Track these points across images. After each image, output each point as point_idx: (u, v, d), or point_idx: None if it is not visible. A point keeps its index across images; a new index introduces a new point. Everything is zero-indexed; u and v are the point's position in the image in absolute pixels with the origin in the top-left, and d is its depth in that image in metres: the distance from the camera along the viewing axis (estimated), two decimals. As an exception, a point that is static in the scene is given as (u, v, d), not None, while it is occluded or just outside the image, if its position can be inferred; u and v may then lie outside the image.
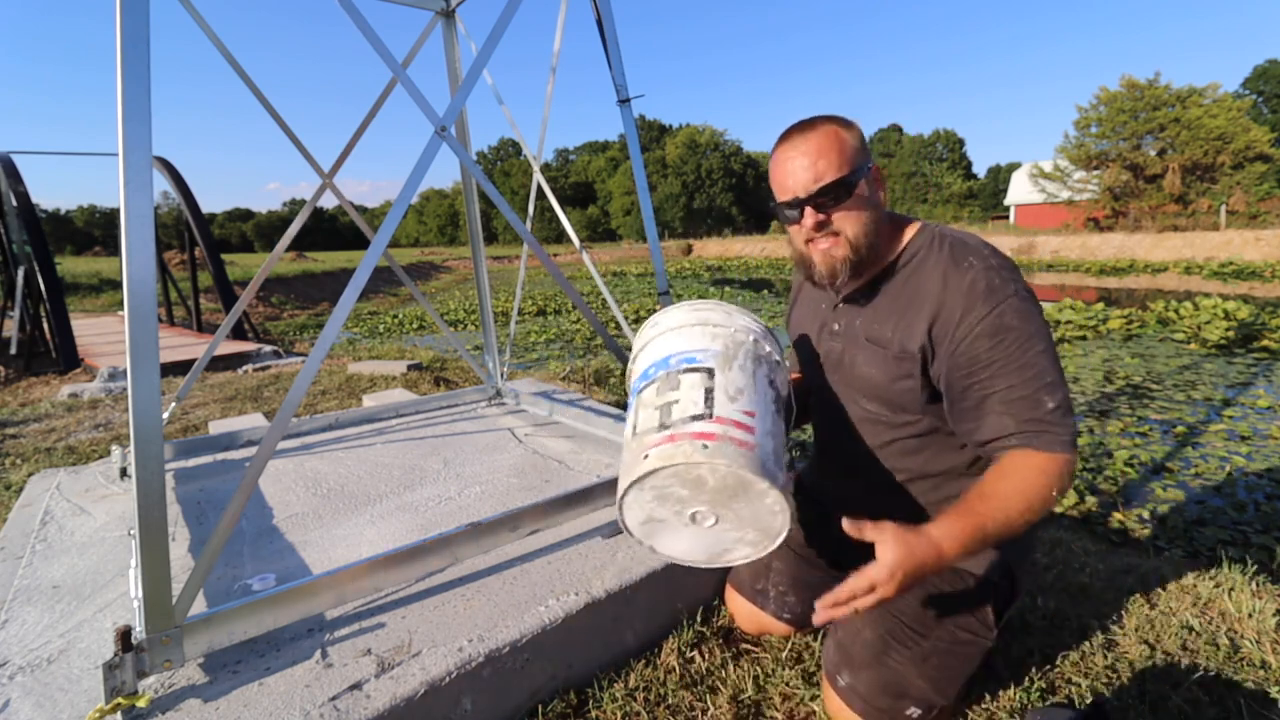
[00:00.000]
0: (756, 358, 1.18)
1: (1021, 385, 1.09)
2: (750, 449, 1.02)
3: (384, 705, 1.08)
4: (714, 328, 1.21)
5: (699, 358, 1.14)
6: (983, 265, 1.15)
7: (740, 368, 1.13)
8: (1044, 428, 1.07)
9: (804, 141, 1.19)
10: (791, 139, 1.22)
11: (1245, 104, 26.76)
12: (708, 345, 1.16)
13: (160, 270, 9.68)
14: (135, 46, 1.10)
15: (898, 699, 1.18)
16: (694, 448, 1.00)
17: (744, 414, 1.06)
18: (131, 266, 1.09)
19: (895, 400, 1.25)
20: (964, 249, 1.19)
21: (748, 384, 1.11)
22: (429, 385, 4.70)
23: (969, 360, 1.12)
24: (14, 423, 4.00)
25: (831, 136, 1.19)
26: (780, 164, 1.23)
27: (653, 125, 72.49)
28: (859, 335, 1.29)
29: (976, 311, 1.11)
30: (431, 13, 2.66)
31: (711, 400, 1.07)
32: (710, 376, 1.10)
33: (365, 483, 2.09)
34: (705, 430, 1.03)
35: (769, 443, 1.05)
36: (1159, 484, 3.51)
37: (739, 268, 26.78)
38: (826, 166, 1.17)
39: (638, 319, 11.13)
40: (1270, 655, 1.43)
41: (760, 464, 1.01)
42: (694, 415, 1.05)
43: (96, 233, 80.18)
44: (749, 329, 1.23)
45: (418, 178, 1.54)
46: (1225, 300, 8.64)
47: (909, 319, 1.20)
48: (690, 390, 1.09)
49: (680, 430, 1.04)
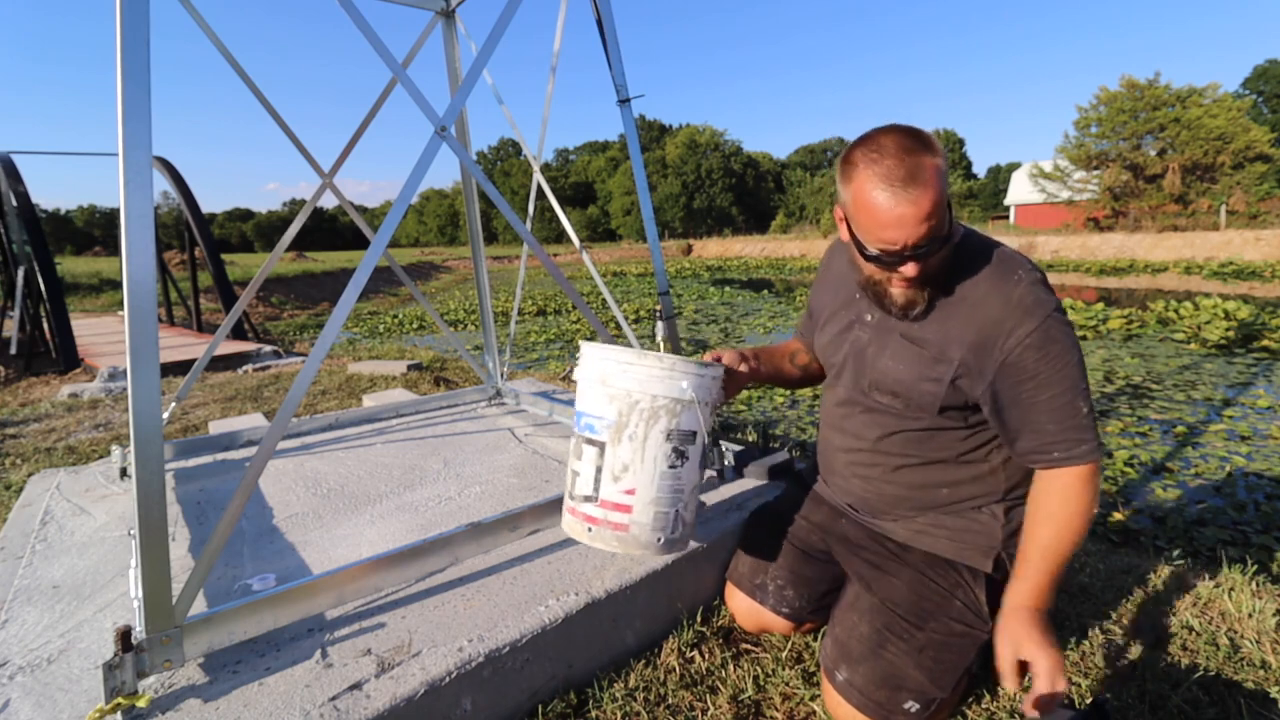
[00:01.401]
0: (653, 414, 1.25)
1: (1062, 394, 1.15)
2: (624, 530, 1.27)
3: (384, 705, 1.08)
4: (611, 389, 1.27)
5: (596, 427, 1.29)
6: (1029, 280, 1.18)
7: (630, 437, 1.26)
8: (1081, 435, 1.15)
9: (916, 187, 1.06)
10: (899, 180, 1.07)
11: (1245, 104, 26.75)
12: (604, 413, 1.28)
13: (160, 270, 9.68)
14: (135, 46, 1.10)
15: (895, 691, 1.18)
16: (582, 528, 1.31)
17: (624, 494, 1.27)
18: (131, 266, 1.09)
19: (913, 398, 1.27)
20: (1011, 262, 1.21)
21: (634, 457, 1.26)
22: (429, 385, 4.70)
23: (1017, 370, 1.16)
24: (14, 423, 4.00)
25: (938, 180, 1.08)
26: (884, 208, 1.09)
27: (653, 125, 72.52)
28: (894, 331, 1.29)
29: (1026, 325, 1.15)
30: (431, 13, 2.66)
31: (599, 481, 1.28)
32: (601, 453, 1.28)
33: (365, 483, 2.09)
34: (590, 514, 1.29)
35: (649, 512, 1.27)
36: (1159, 484, 3.51)
37: (739, 268, 26.78)
38: (938, 219, 1.09)
39: (638, 319, 11.12)
40: (1270, 655, 1.43)
41: (633, 540, 1.27)
42: (585, 496, 1.30)
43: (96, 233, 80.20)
44: (644, 391, 1.25)
45: (418, 178, 1.54)
46: (1225, 300, 8.65)
47: (955, 325, 1.21)
48: (587, 465, 1.30)
49: (577, 507, 1.32)
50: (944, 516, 1.34)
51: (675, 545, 1.32)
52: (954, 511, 1.33)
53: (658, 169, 61.15)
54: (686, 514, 1.32)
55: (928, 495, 1.34)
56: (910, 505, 1.36)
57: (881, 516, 1.42)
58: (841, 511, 1.51)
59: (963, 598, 1.26)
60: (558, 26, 2.38)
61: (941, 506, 1.34)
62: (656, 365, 1.25)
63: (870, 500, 1.42)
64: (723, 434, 4.16)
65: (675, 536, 1.31)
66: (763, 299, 14.28)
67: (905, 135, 1.10)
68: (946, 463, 1.31)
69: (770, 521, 1.60)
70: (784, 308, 12.40)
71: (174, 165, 8.52)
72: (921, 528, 1.35)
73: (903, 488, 1.35)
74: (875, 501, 1.41)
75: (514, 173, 69.02)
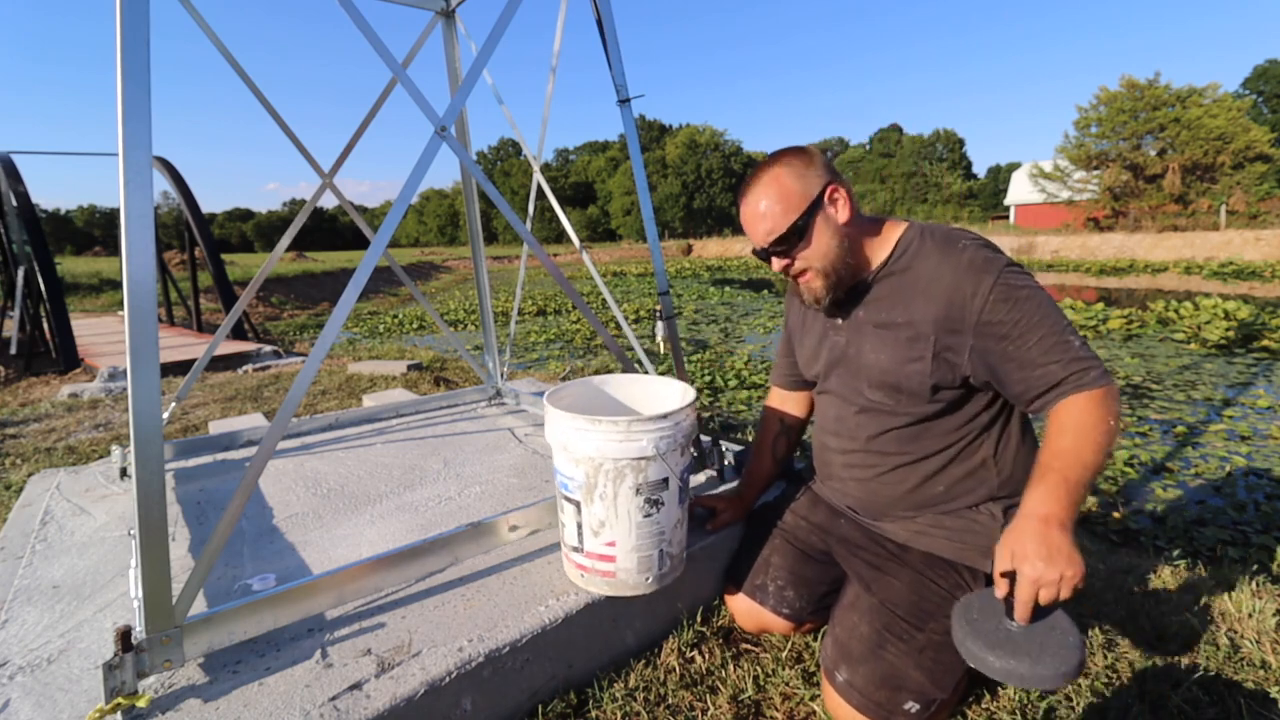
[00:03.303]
0: (618, 474, 1.27)
1: (1049, 334, 1.16)
2: (612, 576, 1.35)
3: (384, 705, 1.08)
4: (574, 454, 1.30)
5: (570, 485, 1.34)
6: (974, 244, 1.23)
7: (601, 496, 1.29)
8: (1084, 364, 1.14)
9: (753, 195, 1.29)
10: (745, 191, 1.31)
11: (1245, 104, 26.76)
12: (573, 474, 1.32)
13: (160, 270, 9.68)
14: (135, 46, 1.10)
15: (895, 692, 1.18)
16: (576, 574, 1.40)
17: (606, 546, 1.33)
18: (131, 266, 1.09)
19: (902, 385, 1.28)
20: (952, 235, 1.27)
21: (608, 514, 1.30)
22: (429, 385, 4.71)
23: (994, 326, 1.18)
24: (14, 423, 4.00)
25: (774, 185, 1.26)
26: (742, 217, 1.33)
27: (653, 125, 72.50)
28: (865, 325, 1.33)
29: (985, 282, 1.18)
30: (431, 13, 2.66)
31: (582, 535, 1.34)
32: (579, 510, 1.33)
33: (365, 483, 2.09)
34: (580, 563, 1.37)
35: (632, 558, 1.33)
36: (1159, 484, 3.51)
37: (739, 268, 26.77)
38: (775, 219, 1.26)
39: (638, 319, 11.12)
40: (1270, 655, 1.43)
41: (622, 583, 1.35)
42: (573, 546, 1.37)
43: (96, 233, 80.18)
44: (603, 455, 1.26)
45: (418, 178, 1.54)
46: (1225, 300, 8.64)
47: (920, 302, 1.24)
48: (570, 519, 1.36)
49: (569, 555, 1.40)
50: (943, 517, 1.34)
51: (665, 579, 1.38)
52: (952, 511, 1.33)
53: (658, 169, 61.15)
54: (672, 549, 1.37)
55: (923, 493, 1.34)
56: (907, 505, 1.36)
57: (880, 518, 1.42)
58: (841, 512, 1.51)
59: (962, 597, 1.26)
60: (558, 26, 2.38)
61: (938, 505, 1.34)
62: (613, 430, 1.25)
63: (867, 501, 1.42)
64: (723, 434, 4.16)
65: (664, 572, 1.37)
66: (763, 299, 14.28)
67: (767, 158, 1.31)
68: (939, 458, 1.32)
69: (769, 522, 1.60)
70: (784, 308, 12.38)
71: (174, 165, 8.52)
72: (921, 528, 1.36)
73: (898, 486, 1.36)
74: (873, 502, 1.41)
75: (514, 173, 69.02)
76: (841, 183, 1.27)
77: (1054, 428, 1.14)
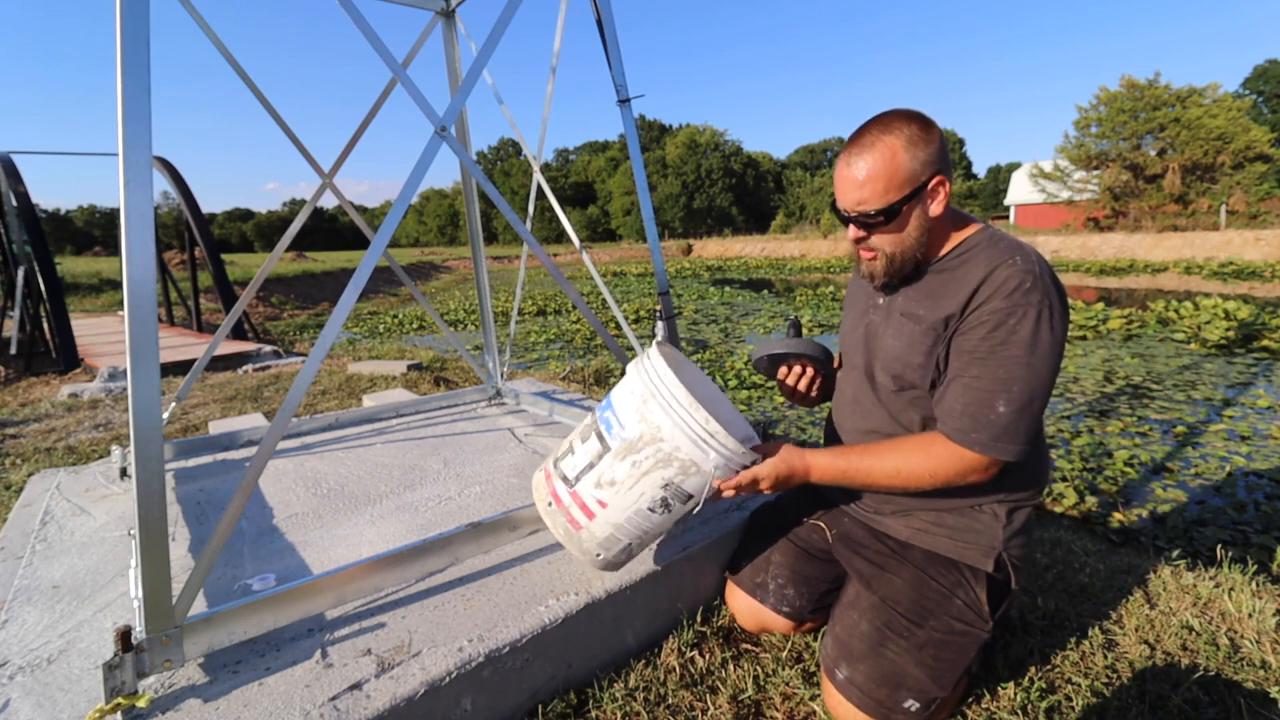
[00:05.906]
0: (665, 460, 1.20)
1: (990, 385, 1.14)
2: (576, 529, 1.28)
3: (384, 705, 1.08)
4: (646, 410, 1.21)
5: (613, 429, 1.25)
6: (1025, 267, 1.16)
7: (634, 464, 1.22)
8: (983, 429, 1.14)
9: (859, 158, 1.18)
10: (852, 148, 1.19)
11: (1245, 104, 26.70)
12: (627, 424, 1.23)
13: (160, 270, 9.68)
14: (135, 46, 1.10)
15: (895, 690, 1.18)
16: (545, 498, 1.33)
17: (596, 501, 1.25)
18: (131, 266, 1.09)
19: (905, 375, 1.29)
20: (1017, 248, 1.20)
21: (624, 480, 1.23)
22: (429, 385, 4.70)
23: (963, 340, 1.18)
24: (14, 423, 4.00)
25: (886, 158, 1.15)
26: (837, 169, 1.23)
27: (653, 125, 72.50)
28: (895, 311, 1.33)
29: (994, 303, 1.15)
30: (431, 13, 2.66)
31: (583, 475, 1.27)
32: (601, 456, 1.25)
33: (365, 483, 2.09)
34: (558, 493, 1.30)
35: (606, 530, 1.27)
36: (1159, 484, 3.51)
37: (739, 268, 26.77)
38: (871, 193, 1.17)
39: (638, 319, 11.12)
40: (1270, 655, 1.43)
41: (577, 541, 1.29)
42: (564, 477, 1.30)
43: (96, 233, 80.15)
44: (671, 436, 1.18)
45: (418, 178, 1.54)
46: (1225, 300, 8.65)
47: (944, 300, 1.23)
48: (583, 455, 1.28)
49: (553, 477, 1.33)
50: (944, 515, 1.34)
51: (610, 566, 1.36)
52: (954, 509, 1.33)
53: (658, 169, 61.14)
54: (637, 548, 1.34)
55: None
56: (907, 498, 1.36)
57: (881, 512, 1.41)
58: (843, 510, 1.51)
59: (963, 597, 1.26)
60: (558, 26, 2.38)
61: (939, 502, 1.34)
62: (697, 424, 1.16)
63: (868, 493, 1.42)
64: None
65: (614, 560, 1.33)
66: (763, 299, 14.28)
67: (888, 115, 1.19)
68: None
69: (771, 520, 1.60)
70: (784, 308, 12.39)
71: (174, 165, 8.52)
72: (922, 525, 1.35)
73: None
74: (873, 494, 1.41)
75: (514, 173, 68.99)
76: (949, 175, 1.20)
77: (905, 437, 1.27)
